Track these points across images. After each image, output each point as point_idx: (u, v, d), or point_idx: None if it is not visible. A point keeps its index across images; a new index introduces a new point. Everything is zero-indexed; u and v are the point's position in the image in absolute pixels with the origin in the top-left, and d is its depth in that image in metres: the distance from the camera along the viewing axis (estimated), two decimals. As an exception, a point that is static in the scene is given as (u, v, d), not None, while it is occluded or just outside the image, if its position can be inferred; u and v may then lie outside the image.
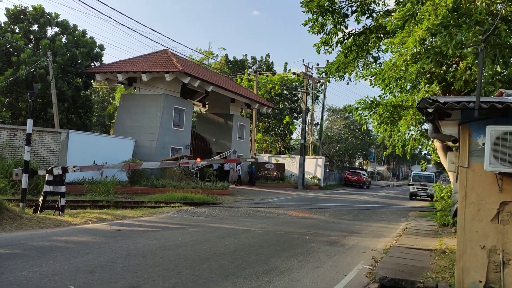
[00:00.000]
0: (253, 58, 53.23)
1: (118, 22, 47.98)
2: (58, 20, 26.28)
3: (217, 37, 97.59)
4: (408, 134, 12.58)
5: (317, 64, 37.36)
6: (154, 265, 7.09)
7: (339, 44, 12.73)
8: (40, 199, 11.72)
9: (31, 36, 25.48)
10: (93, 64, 27.19)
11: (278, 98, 41.20)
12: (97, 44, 27.62)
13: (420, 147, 13.72)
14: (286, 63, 51.52)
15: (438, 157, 12.40)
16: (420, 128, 11.99)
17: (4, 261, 6.65)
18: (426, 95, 10.27)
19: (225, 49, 61.56)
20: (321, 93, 42.51)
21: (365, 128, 12.51)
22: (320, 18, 12.10)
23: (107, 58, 64.49)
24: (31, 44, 25.14)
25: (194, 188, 20.90)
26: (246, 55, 55.29)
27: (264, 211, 16.33)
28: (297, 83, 41.32)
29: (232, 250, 8.71)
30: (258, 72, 40.86)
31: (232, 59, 52.39)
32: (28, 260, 6.86)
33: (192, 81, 24.74)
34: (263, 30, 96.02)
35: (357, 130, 55.54)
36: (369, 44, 12.49)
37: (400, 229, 13.07)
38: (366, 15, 12.44)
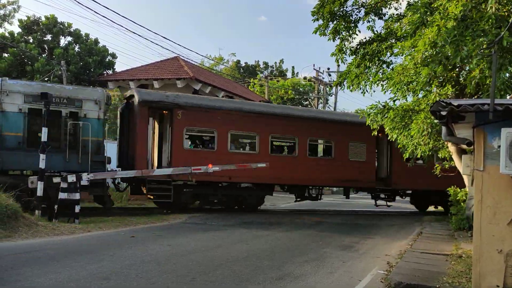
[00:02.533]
0: (265, 64, 53.34)
1: (129, 30, 48.90)
2: (71, 29, 26.68)
3: (226, 44, 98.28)
4: (420, 138, 12.45)
5: (328, 69, 37.38)
6: (168, 271, 7.11)
7: (352, 54, 12.73)
8: (55, 206, 11.85)
9: (45, 46, 25.89)
10: (105, 72, 27.52)
11: (290, 103, 41.20)
12: (109, 52, 27.97)
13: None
14: (293, 67, 51.63)
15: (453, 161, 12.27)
16: (431, 132, 11.85)
17: (20, 268, 6.74)
18: (439, 98, 10.18)
19: (235, 54, 61.72)
20: (331, 96, 42.46)
21: (375, 134, 12.41)
22: (331, 23, 12.09)
23: (119, 66, 65.59)
24: (45, 54, 25.55)
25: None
26: (258, 61, 55.43)
27: (276, 216, 16.27)
28: (308, 88, 41.30)
29: (245, 256, 8.69)
30: (269, 78, 40.93)
31: (243, 65, 52.55)
32: (44, 267, 6.93)
33: (203, 87, 24.85)
34: (271, 35, 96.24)
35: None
36: (382, 52, 12.44)
37: (415, 234, 12.92)
38: (377, 17, 12.41)
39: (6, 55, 24.80)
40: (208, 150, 16.18)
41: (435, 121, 9.38)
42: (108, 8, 22.63)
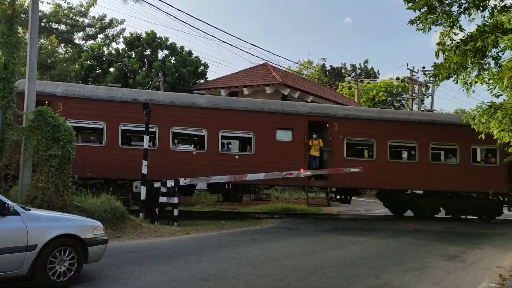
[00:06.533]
0: (352, 66, 52.13)
1: (221, 40, 50.54)
2: (168, 43, 28.39)
3: (312, 48, 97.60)
4: None
5: (423, 68, 35.31)
6: (263, 275, 7.17)
7: (453, 49, 11.87)
8: (156, 209, 12.59)
9: (145, 60, 27.85)
10: (198, 81, 28.82)
11: (381, 106, 39.73)
12: (201, 63, 29.25)
13: None
14: (378, 71, 49.56)
15: None
16: None
17: (130, 267, 7.25)
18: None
19: (325, 59, 60.96)
20: (428, 97, 40.10)
21: (483, 137, 11.35)
22: (428, 17, 11.39)
23: (211, 75, 68.69)
24: (145, 67, 27.46)
25: (297, 198, 20.91)
26: (344, 63, 54.36)
27: (370, 222, 15.70)
28: (401, 89, 39.49)
29: (341, 262, 8.48)
30: (358, 80, 39.89)
31: (329, 68, 51.86)
32: (149, 266, 7.38)
33: (292, 92, 24.91)
34: (358, 37, 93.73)
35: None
36: (487, 46, 11.41)
37: (530, 245, 11.66)
38: (480, 10, 11.43)
39: (112, 69, 27.11)
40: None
41: None
42: (201, 21, 23.85)
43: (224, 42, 53.16)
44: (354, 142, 16.83)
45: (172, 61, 27.94)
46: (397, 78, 35.55)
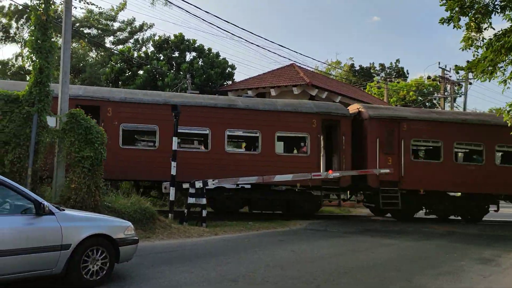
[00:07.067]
0: (381, 65, 51.30)
1: (248, 41, 50.62)
2: (195, 45, 28.69)
3: (339, 48, 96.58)
4: None
5: (455, 66, 34.40)
6: (292, 277, 7.13)
7: (485, 47, 11.55)
8: (185, 210, 12.72)
9: (173, 62, 28.23)
10: (225, 83, 28.98)
11: (412, 105, 38.94)
12: (229, 64, 29.42)
13: None
14: (407, 70, 48.22)
15: None
16: None
17: (160, 266, 7.34)
18: None
19: (353, 59, 60.19)
20: (461, 96, 39.05)
21: None
22: (461, 17, 11.12)
23: (238, 76, 68.98)
24: (173, 69, 27.83)
25: (330, 201, 20.69)
26: (373, 62, 53.59)
27: (401, 225, 15.40)
28: (432, 88, 38.59)
29: (371, 265, 8.34)
30: (388, 80, 39.20)
31: (357, 68, 51.23)
32: (179, 266, 7.45)
33: (320, 93, 24.71)
34: (386, 35, 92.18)
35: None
36: None
37: None
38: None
39: (141, 72, 27.59)
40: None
41: None
42: (228, 22, 23.85)
43: (252, 43, 53.18)
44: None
45: (199, 63, 28.20)
46: (429, 77, 34.76)
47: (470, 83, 32.89)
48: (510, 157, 17.31)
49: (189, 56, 28.87)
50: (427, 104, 40.69)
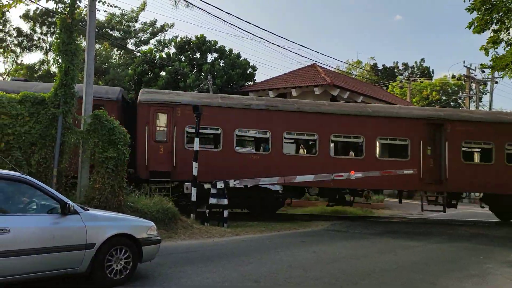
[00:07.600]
0: (404, 65, 50.55)
1: (269, 42, 50.44)
2: (217, 46, 28.84)
3: (362, 47, 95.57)
4: None
5: (481, 65, 33.59)
6: (314, 278, 7.08)
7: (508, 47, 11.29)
8: (206, 211, 12.79)
9: (195, 63, 28.44)
10: (246, 83, 29.03)
11: (436, 105, 38.22)
12: (250, 65, 29.45)
13: None
14: (432, 70, 47.15)
15: None
16: None
17: (182, 266, 7.40)
18: None
19: (374, 58, 59.48)
20: (485, 94, 38.15)
21: None
22: (484, 17, 10.89)
23: (259, 77, 68.97)
24: (194, 70, 28.03)
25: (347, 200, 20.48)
26: (396, 62, 52.86)
27: (424, 226, 15.13)
28: (456, 87, 37.81)
29: (393, 267, 8.22)
30: (411, 79, 38.57)
31: (381, 67, 50.61)
32: (201, 266, 7.50)
33: (341, 93, 24.52)
34: (410, 34, 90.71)
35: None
36: None
37: None
38: None
39: (163, 73, 27.90)
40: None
41: None
42: (249, 23, 23.81)
43: (272, 43, 53.19)
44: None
45: (221, 64, 28.32)
46: (453, 76, 34.09)
47: (496, 82, 32.09)
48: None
49: (210, 57, 29.04)
50: (451, 103, 39.90)
